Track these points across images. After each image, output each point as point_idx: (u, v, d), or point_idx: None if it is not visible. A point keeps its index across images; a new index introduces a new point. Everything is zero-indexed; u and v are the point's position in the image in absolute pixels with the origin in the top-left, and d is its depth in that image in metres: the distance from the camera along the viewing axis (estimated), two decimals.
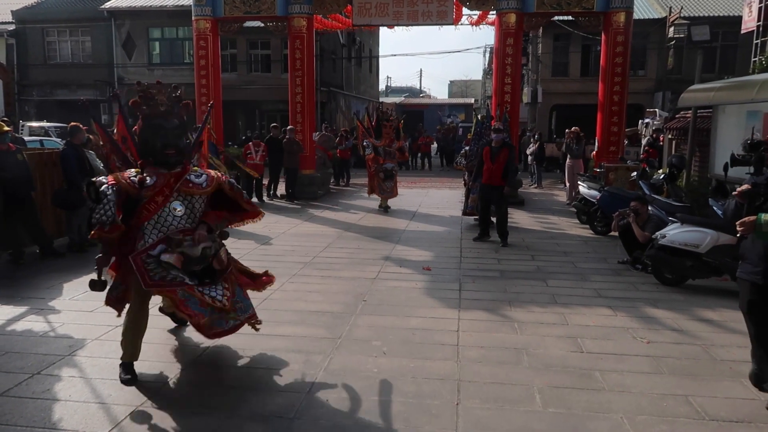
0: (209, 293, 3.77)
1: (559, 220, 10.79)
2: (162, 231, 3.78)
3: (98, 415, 3.42)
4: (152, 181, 3.78)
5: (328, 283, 6.36)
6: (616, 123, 12.83)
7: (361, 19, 13.82)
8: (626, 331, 4.89)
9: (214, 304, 3.73)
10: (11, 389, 3.71)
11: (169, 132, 3.85)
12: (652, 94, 22.99)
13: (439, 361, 4.23)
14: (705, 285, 6.22)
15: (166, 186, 3.83)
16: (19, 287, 6.10)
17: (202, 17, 13.64)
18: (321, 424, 3.34)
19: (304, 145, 13.54)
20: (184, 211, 3.87)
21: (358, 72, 33.46)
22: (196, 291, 3.71)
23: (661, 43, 22.24)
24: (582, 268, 7.17)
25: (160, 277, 3.65)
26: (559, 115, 25.30)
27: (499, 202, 8.54)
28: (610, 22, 12.54)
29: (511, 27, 12.67)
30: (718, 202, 6.54)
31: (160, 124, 3.86)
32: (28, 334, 4.72)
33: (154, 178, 3.80)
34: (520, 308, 5.49)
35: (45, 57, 25.65)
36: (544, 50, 24.52)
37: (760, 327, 3.63)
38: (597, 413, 3.49)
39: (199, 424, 3.34)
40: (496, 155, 8.39)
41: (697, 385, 3.89)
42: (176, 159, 3.87)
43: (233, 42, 24.08)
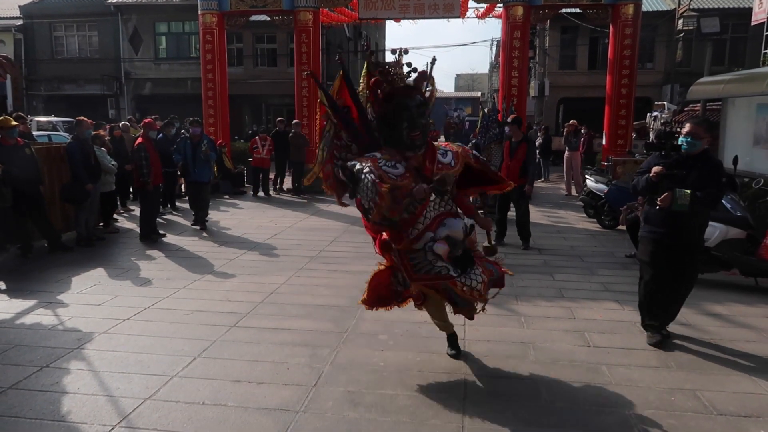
0: (469, 283, 3.55)
1: (566, 214, 10.75)
2: (427, 217, 3.57)
3: (106, 407, 3.44)
4: (401, 170, 3.50)
5: (334, 277, 6.36)
6: (624, 116, 12.76)
7: (368, 12, 13.77)
8: (634, 326, 4.86)
9: (471, 296, 3.57)
10: (20, 382, 3.73)
11: (414, 111, 3.53)
12: (661, 87, 22.81)
13: (445, 355, 4.22)
14: (713, 279, 6.17)
15: (426, 170, 3.57)
16: (28, 281, 6.14)
17: (209, 11, 13.64)
18: (328, 417, 3.35)
19: (310, 139, 13.52)
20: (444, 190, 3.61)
21: None
22: (458, 284, 3.53)
23: (669, 36, 22.05)
24: (589, 262, 7.14)
25: (426, 270, 3.55)
26: (566, 108, 25.15)
27: (519, 201, 7.93)
28: (619, 15, 12.45)
29: (518, 20, 12.60)
30: (727, 196, 6.49)
31: (405, 103, 3.53)
32: (37, 327, 4.75)
33: (402, 164, 3.52)
34: (527, 302, 5.47)
35: (52, 52, 25.73)
36: (551, 43, 24.36)
37: (657, 275, 4.45)
38: (604, 407, 3.48)
39: (207, 417, 3.35)
40: (515, 151, 7.89)
41: (705, 379, 3.87)
42: (422, 141, 3.60)
43: (239, 36, 24.08)
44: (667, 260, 4.41)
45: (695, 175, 4.19)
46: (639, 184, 4.45)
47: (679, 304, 4.58)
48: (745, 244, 5.99)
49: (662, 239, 4.35)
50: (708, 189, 4.14)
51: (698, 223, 4.36)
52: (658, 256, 4.41)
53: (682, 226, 4.26)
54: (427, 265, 3.55)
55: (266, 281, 6.14)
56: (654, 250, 4.43)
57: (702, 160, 4.25)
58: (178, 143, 9.30)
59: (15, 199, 6.93)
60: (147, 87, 25.04)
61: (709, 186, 4.15)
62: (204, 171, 9.11)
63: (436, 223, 3.57)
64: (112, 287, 5.92)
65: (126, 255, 7.40)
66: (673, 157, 4.34)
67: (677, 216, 4.21)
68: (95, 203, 8.15)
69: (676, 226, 4.27)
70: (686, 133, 4.28)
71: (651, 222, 4.45)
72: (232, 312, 5.11)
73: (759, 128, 7.85)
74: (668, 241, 4.33)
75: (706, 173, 4.20)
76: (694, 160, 4.25)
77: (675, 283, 4.45)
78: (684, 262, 4.41)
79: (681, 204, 4.11)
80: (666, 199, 4.16)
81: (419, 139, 3.56)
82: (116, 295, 5.63)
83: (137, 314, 5.05)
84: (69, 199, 7.78)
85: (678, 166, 4.26)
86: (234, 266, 6.79)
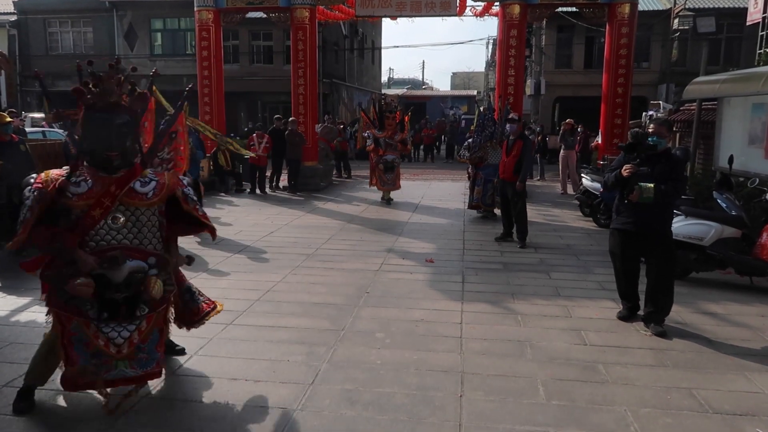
0: (109, 332, 3.13)
1: (562, 213, 10.78)
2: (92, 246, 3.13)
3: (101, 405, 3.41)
4: (85, 188, 3.14)
5: (330, 275, 6.35)
6: (620, 115, 12.79)
7: (364, 9, 13.75)
8: (630, 324, 4.88)
9: (105, 349, 3.12)
10: (15, 380, 3.71)
11: (115, 129, 3.18)
12: (656, 87, 22.87)
13: (442, 353, 4.22)
14: (709, 278, 6.20)
15: (106, 195, 3.14)
16: (23, 278, 6.06)
17: (205, 8, 13.58)
18: (324, 416, 3.34)
19: (306, 136, 13.50)
20: (124, 222, 3.19)
21: (361, 63, 33.35)
22: (91, 327, 3.13)
23: (665, 35, 22.11)
24: (585, 260, 7.16)
25: (65, 299, 3.13)
26: (562, 107, 25.23)
27: (514, 198, 7.93)
28: (615, 14, 12.47)
29: (515, 18, 12.60)
30: (722, 195, 6.51)
31: (106, 118, 3.17)
32: (32, 325, 4.72)
33: (89, 183, 3.16)
34: (524, 301, 5.48)
35: (47, 48, 25.59)
36: (547, 42, 24.40)
37: (627, 264, 4.95)
38: (600, 406, 3.49)
39: (204, 415, 3.34)
40: (511, 148, 7.95)
41: (701, 378, 3.89)
42: (119, 163, 3.21)
43: (235, 33, 24.00)
44: (636, 250, 4.89)
45: (659, 170, 4.66)
46: (609, 180, 4.89)
47: (665, 293, 4.75)
48: (740, 243, 6.02)
49: (630, 229, 4.79)
50: (670, 182, 4.61)
51: (663, 213, 4.75)
52: (627, 246, 4.87)
53: (648, 216, 4.68)
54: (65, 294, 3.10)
55: (262, 279, 6.12)
56: (623, 240, 4.88)
57: (665, 157, 4.75)
58: None
59: (9, 196, 6.88)
60: (142, 84, 24.82)
61: (671, 180, 4.62)
62: (191, 169, 9.01)
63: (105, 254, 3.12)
64: None
65: None
66: (640, 155, 4.74)
67: (643, 207, 4.64)
68: None
69: (643, 217, 4.69)
70: (652, 133, 4.76)
71: (621, 214, 4.88)
72: (229, 310, 5.08)
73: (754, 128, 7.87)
74: (636, 230, 4.76)
75: (669, 168, 4.67)
76: (658, 156, 4.72)
77: (651, 273, 4.77)
78: (654, 250, 4.75)
79: (646, 197, 4.56)
80: (635, 194, 4.59)
81: (117, 160, 3.19)
82: None
83: None
84: None
85: (644, 163, 4.69)
86: (230, 264, 6.77)
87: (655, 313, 4.73)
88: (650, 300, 4.78)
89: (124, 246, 3.18)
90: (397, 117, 11.76)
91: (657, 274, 4.72)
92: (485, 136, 9.70)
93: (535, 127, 18.76)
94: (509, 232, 8.21)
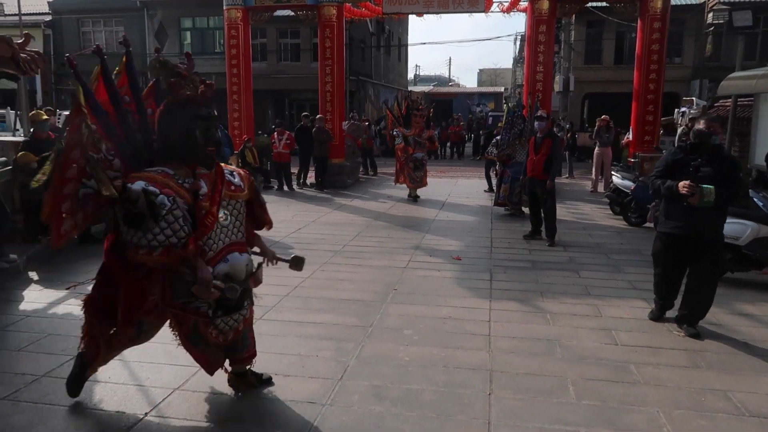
0: (221, 327, 3.17)
1: (592, 211, 10.63)
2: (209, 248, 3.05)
3: (137, 396, 3.50)
4: (204, 187, 3.05)
5: (358, 271, 6.38)
6: (652, 112, 12.56)
7: (392, 7, 13.74)
8: (661, 324, 4.80)
9: (216, 340, 3.18)
10: (54, 370, 3.82)
11: (212, 123, 3.10)
12: (689, 83, 22.39)
13: (470, 351, 4.21)
14: (744, 278, 6.06)
15: (216, 192, 3.08)
16: (59, 272, 6.27)
17: (233, 6, 13.73)
18: (354, 411, 3.36)
19: (333, 134, 13.57)
20: (228, 219, 3.16)
21: (387, 61, 33.34)
22: (210, 327, 3.14)
23: (698, 30, 21.62)
24: (615, 259, 7.05)
25: (183, 301, 3.08)
26: (591, 104, 24.84)
27: (543, 196, 7.85)
28: (647, 8, 12.22)
29: (543, 14, 12.45)
30: (759, 193, 6.35)
31: (204, 111, 3.07)
32: (69, 317, 4.85)
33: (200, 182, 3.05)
34: (553, 299, 5.43)
35: (80, 47, 26.13)
36: (577, 37, 24.04)
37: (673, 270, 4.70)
38: (632, 406, 3.44)
39: (234, 408, 3.40)
40: (540, 146, 7.85)
41: (736, 380, 3.81)
42: (215, 157, 3.16)
43: (263, 31, 24.22)
44: (685, 255, 4.58)
45: (713, 170, 4.35)
46: (661, 190, 4.52)
47: (705, 298, 4.59)
48: None
49: (682, 233, 4.49)
50: (730, 186, 4.31)
51: (718, 217, 4.49)
52: (676, 251, 4.59)
53: (702, 220, 4.40)
54: (187, 297, 3.05)
55: (290, 275, 6.09)
56: (671, 244, 4.60)
57: (718, 156, 4.43)
58: None
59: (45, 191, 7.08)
60: None
61: (730, 183, 4.32)
62: None
63: (217, 260, 3.07)
64: None
65: None
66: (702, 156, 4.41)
67: (698, 211, 4.34)
68: None
69: (697, 221, 4.40)
70: (707, 130, 4.40)
71: (671, 217, 4.57)
72: (258, 305, 5.11)
73: None
74: (688, 235, 4.47)
75: (726, 169, 4.36)
76: (710, 155, 4.41)
77: (696, 278, 4.57)
78: (702, 255, 4.50)
79: (707, 201, 4.26)
80: (695, 197, 4.28)
81: (213, 156, 3.12)
82: None
83: None
84: None
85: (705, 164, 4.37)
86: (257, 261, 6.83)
87: (690, 315, 4.62)
88: (688, 303, 4.63)
89: (234, 242, 3.17)
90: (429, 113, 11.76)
91: (702, 280, 4.54)
92: (514, 133, 9.63)
93: (564, 124, 18.52)
94: (537, 230, 8.13)
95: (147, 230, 2.81)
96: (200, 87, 3.10)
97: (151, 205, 2.79)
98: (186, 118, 3.02)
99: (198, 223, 2.97)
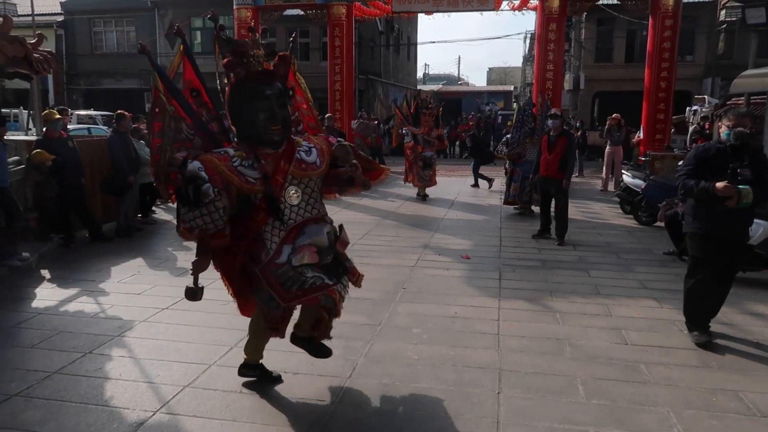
0: (340, 290, 3.21)
1: (602, 210, 10.57)
2: (282, 229, 3.08)
3: (147, 394, 3.53)
4: (257, 170, 3.01)
5: (367, 270, 6.28)
6: (663, 110, 12.49)
7: (401, 5, 13.76)
8: (672, 324, 4.76)
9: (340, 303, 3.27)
10: (65, 367, 3.86)
11: (274, 100, 3.00)
12: (701, 81, 22.20)
13: (479, 350, 4.20)
14: (756, 278, 6.00)
15: (279, 172, 3.04)
16: (71, 270, 6.33)
17: (244, 6, 13.81)
18: (363, 409, 3.37)
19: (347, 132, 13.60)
20: (300, 197, 3.12)
21: (396, 59, 33.32)
22: (336, 292, 3.15)
23: (711, 27, 21.43)
24: (626, 258, 7.01)
25: (298, 287, 3.05)
26: (602, 102, 24.69)
27: (557, 195, 7.81)
28: (659, 6, 12.15)
29: (554, 12, 12.42)
30: None
31: (262, 90, 2.99)
32: (80, 315, 4.89)
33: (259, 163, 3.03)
34: (562, 298, 5.41)
35: (92, 47, 26.39)
36: (587, 35, 23.93)
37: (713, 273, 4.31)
38: (643, 406, 3.42)
39: (244, 405, 3.41)
40: (554, 144, 7.71)
41: (748, 380, 3.77)
42: (283, 136, 3.09)
43: (272, 31, 24.24)
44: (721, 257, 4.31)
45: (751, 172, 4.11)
46: (695, 190, 4.19)
47: (722, 301, 4.50)
48: None
49: (715, 235, 4.26)
50: (764, 186, 4.07)
51: (749, 218, 4.36)
52: (715, 251, 4.30)
53: (735, 222, 4.21)
54: (297, 280, 3.04)
55: None
56: (710, 246, 4.31)
57: (757, 157, 4.20)
58: None
59: (59, 190, 7.15)
60: None
61: (764, 182, 4.09)
62: None
63: (294, 235, 3.09)
64: (151, 277, 6.07)
65: (163, 246, 7.56)
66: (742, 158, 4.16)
67: (732, 212, 4.12)
68: (135, 195, 8.34)
69: (729, 222, 4.20)
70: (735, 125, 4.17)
71: (702, 219, 4.31)
72: None
73: None
74: (721, 236, 4.25)
75: (760, 170, 4.12)
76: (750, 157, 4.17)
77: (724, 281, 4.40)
78: (733, 258, 4.33)
79: (746, 202, 4.04)
80: (733, 200, 4.04)
81: (279, 134, 3.04)
82: (155, 284, 5.76)
83: (175, 304, 5.15)
84: (112, 191, 7.98)
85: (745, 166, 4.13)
86: None
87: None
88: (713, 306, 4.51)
89: (308, 219, 3.16)
90: (438, 112, 11.74)
91: (726, 283, 4.39)
92: (524, 132, 9.59)
93: (574, 122, 18.44)
94: (546, 229, 8.10)
95: (189, 210, 2.91)
96: (263, 63, 3.03)
97: (196, 190, 2.83)
98: (245, 97, 3.01)
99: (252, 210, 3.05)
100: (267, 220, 3.06)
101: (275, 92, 3.02)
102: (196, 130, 3.25)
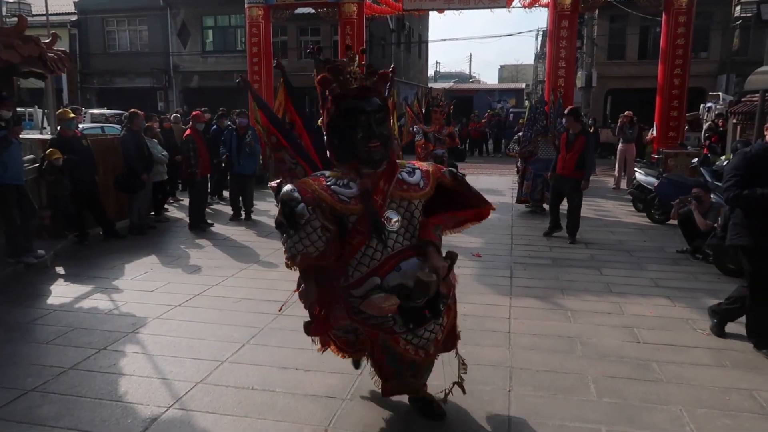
0: (416, 341, 2.93)
1: (614, 208, 10.51)
2: (378, 253, 2.82)
3: (161, 390, 3.57)
4: (356, 189, 2.80)
5: None
6: (677, 107, 12.34)
7: (412, 3, 13.74)
8: (685, 322, 4.73)
9: (416, 356, 2.97)
10: (80, 363, 3.91)
11: (372, 117, 2.83)
12: (715, 77, 21.97)
13: (490, 348, 4.20)
14: None
15: (377, 192, 2.82)
16: (85, 267, 6.40)
17: (255, 5, 13.84)
18: (373, 406, 3.38)
19: None
20: (400, 222, 2.86)
21: (407, 57, 33.27)
22: (401, 342, 2.92)
23: (725, 23, 21.20)
24: (638, 256, 6.96)
25: (363, 317, 2.87)
26: (614, 99, 24.51)
27: (572, 195, 7.69)
28: (672, 2, 12.02)
29: (566, 8, 12.32)
30: None
31: (360, 106, 2.83)
32: (95, 312, 4.95)
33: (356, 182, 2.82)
34: (573, 296, 5.39)
35: (105, 46, 26.59)
36: (599, 32, 23.75)
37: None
38: (655, 405, 3.40)
39: (256, 402, 3.44)
40: (572, 143, 7.56)
41: (762, 379, 3.74)
42: (382, 154, 2.87)
43: (284, 29, 24.34)
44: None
45: None
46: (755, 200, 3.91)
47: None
48: None
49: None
50: None
51: None
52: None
53: None
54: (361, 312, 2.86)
55: None
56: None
57: None
58: (225, 135, 9.37)
59: (72, 188, 7.23)
60: (194, 80, 25.63)
61: None
62: (248, 163, 9.14)
63: (390, 266, 2.81)
64: (164, 274, 6.12)
65: (176, 243, 7.62)
66: None
67: None
68: (148, 193, 8.41)
69: None
70: None
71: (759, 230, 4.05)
72: (279, 300, 5.13)
73: None
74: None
75: None
76: None
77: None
78: None
79: None
80: None
81: (378, 152, 2.83)
82: (168, 281, 5.81)
83: (188, 301, 5.20)
84: (124, 189, 8.05)
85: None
86: (279, 256, 6.83)
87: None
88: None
89: (407, 249, 2.87)
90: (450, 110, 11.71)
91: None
92: (536, 130, 9.55)
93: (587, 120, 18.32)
94: (557, 226, 8.05)
95: (288, 237, 2.74)
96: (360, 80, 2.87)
97: (290, 213, 2.63)
98: (341, 114, 2.86)
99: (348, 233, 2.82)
100: (364, 242, 2.81)
101: (373, 108, 2.85)
102: (299, 158, 3.19)
